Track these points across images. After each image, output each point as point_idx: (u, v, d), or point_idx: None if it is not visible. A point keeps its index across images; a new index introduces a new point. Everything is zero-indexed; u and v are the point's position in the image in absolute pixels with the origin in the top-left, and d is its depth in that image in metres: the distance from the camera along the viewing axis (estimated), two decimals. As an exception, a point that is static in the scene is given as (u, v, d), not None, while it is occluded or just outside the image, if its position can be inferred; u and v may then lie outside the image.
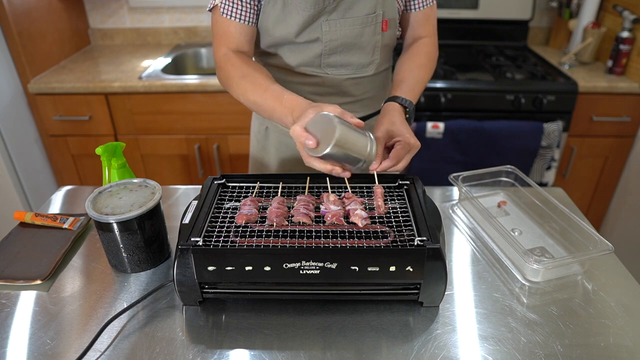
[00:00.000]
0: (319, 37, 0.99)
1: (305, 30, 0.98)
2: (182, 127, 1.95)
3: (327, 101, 1.09)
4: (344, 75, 1.06)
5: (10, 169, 1.89)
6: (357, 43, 1.02)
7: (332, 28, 0.99)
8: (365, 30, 1.00)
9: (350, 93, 1.09)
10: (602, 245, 0.83)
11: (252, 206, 0.79)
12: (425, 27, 1.11)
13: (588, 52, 2.02)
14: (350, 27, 0.99)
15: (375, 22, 1.00)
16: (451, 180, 1.04)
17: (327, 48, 1.01)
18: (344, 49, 1.02)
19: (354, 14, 0.98)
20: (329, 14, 0.97)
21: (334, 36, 0.99)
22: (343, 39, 1.00)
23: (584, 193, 2.10)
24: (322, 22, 0.98)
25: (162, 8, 2.33)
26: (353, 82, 1.08)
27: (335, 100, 1.10)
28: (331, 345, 0.70)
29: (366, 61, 1.05)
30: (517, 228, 0.97)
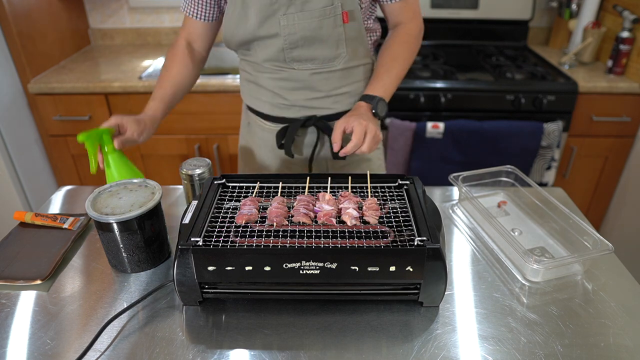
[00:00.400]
0: (278, 31, 1.01)
1: (264, 25, 1.01)
2: (182, 127, 1.95)
3: (297, 96, 1.12)
4: (310, 70, 1.07)
5: (10, 169, 1.89)
6: (318, 36, 1.02)
7: (290, 22, 1.00)
8: (324, 23, 1.01)
9: (319, 88, 1.10)
10: (602, 245, 0.83)
11: (252, 206, 0.79)
12: (403, 14, 1.10)
13: (588, 52, 2.02)
14: (308, 20, 1.00)
15: (334, 14, 1.00)
16: (451, 180, 1.04)
17: (287, 42, 1.02)
18: (306, 43, 1.03)
19: (311, 6, 0.99)
20: (287, 8, 0.99)
21: (292, 30, 1.01)
22: (302, 32, 1.01)
23: (584, 193, 2.10)
24: (279, 17, 0.99)
25: (162, 8, 2.33)
26: (321, 77, 1.08)
27: (304, 95, 1.11)
28: (331, 345, 0.70)
29: (331, 55, 1.06)
30: (517, 228, 0.97)
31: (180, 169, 0.95)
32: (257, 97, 1.16)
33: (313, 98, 1.11)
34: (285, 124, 1.15)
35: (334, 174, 0.89)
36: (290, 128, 1.13)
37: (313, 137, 1.17)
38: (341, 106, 1.14)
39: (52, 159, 2.08)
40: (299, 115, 1.13)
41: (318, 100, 1.11)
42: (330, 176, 0.88)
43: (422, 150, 1.84)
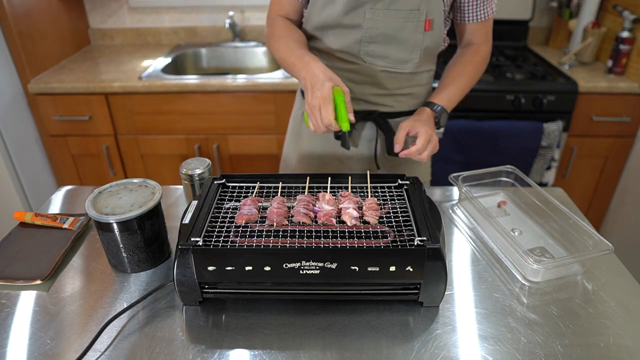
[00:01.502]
0: (361, 23, 1.02)
1: (350, 13, 1.02)
2: (182, 127, 1.95)
3: (362, 90, 1.12)
4: (381, 67, 1.08)
5: (10, 169, 1.89)
6: (397, 37, 1.03)
7: (375, 17, 1.01)
8: (407, 25, 1.02)
9: (385, 85, 1.11)
10: (602, 245, 0.83)
11: (252, 206, 0.79)
12: (477, 35, 1.13)
13: (588, 52, 2.02)
14: (392, 19, 1.01)
15: (417, 20, 1.02)
16: (451, 180, 1.04)
17: (367, 35, 1.04)
18: (384, 40, 1.04)
19: (398, 7, 1.00)
20: (375, 3, 1.00)
21: (375, 24, 1.02)
22: (384, 29, 1.02)
23: (584, 193, 2.10)
24: (366, 9, 1.01)
25: (162, 8, 2.33)
26: (389, 76, 1.10)
27: (370, 90, 1.12)
28: (331, 345, 0.70)
29: (404, 57, 1.07)
30: (517, 228, 0.97)
31: (180, 169, 0.95)
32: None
33: (377, 94, 1.12)
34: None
35: (334, 173, 0.89)
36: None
37: (370, 132, 1.18)
38: (402, 106, 1.15)
39: (52, 159, 2.08)
40: (360, 108, 1.14)
41: (381, 97, 1.13)
42: (330, 176, 0.89)
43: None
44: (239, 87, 1.85)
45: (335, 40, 1.07)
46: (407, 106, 1.16)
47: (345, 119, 0.89)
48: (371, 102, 1.14)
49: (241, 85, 1.85)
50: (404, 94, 1.14)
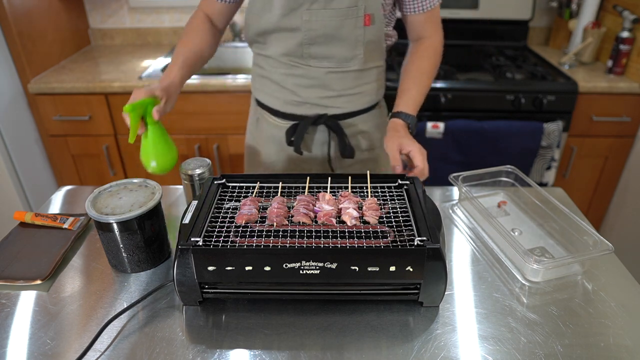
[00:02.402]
0: (299, 25, 1.02)
1: (287, 16, 1.01)
2: (182, 127, 1.95)
3: (310, 94, 1.11)
4: (326, 68, 1.07)
5: (10, 169, 1.89)
6: (338, 35, 1.03)
7: (313, 17, 1.00)
8: (345, 23, 1.01)
9: (333, 87, 1.10)
10: (602, 245, 0.83)
11: (252, 206, 0.79)
12: (427, 27, 1.11)
13: (588, 52, 2.02)
14: (330, 18, 1.01)
15: (356, 16, 1.01)
16: (451, 180, 1.04)
17: (307, 37, 1.03)
18: (325, 40, 1.03)
19: (335, 5, 1.00)
20: (311, 4, 0.99)
21: (313, 26, 1.01)
22: (323, 29, 1.02)
23: (584, 193, 2.10)
24: (303, 11, 1.00)
25: (162, 8, 2.33)
26: (336, 76, 1.09)
27: (318, 93, 1.11)
28: (331, 345, 0.70)
29: (348, 55, 1.06)
30: (517, 228, 0.97)
31: (180, 169, 0.95)
32: (269, 93, 1.16)
33: (326, 97, 1.12)
34: (295, 121, 1.15)
35: (334, 174, 0.89)
36: (301, 125, 1.13)
37: (322, 135, 1.17)
38: (352, 106, 1.15)
39: (52, 159, 2.08)
40: (310, 112, 1.14)
41: (331, 99, 1.12)
42: (330, 176, 0.88)
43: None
44: (239, 87, 1.85)
45: (278, 45, 1.07)
46: (358, 105, 1.15)
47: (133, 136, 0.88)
48: (321, 105, 1.13)
49: (241, 85, 1.85)
50: (354, 93, 1.13)
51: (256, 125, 1.24)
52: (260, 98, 1.19)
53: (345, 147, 1.14)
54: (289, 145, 1.16)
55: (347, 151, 1.14)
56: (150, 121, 0.90)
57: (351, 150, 1.15)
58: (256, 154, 1.27)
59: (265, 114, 1.20)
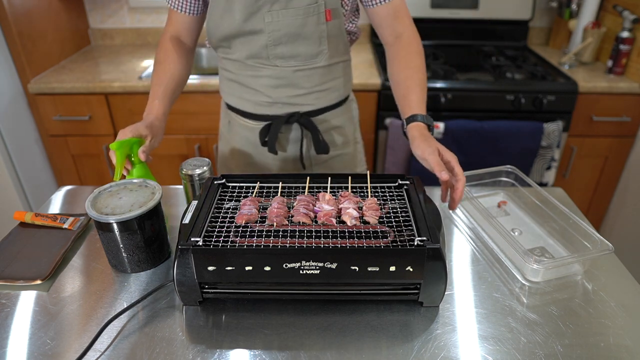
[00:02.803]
0: (262, 28, 1.02)
1: (249, 20, 1.01)
2: (182, 127, 1.95)
3: (279, 94, 1.12)
4: (294, 67, 1.08)
5: (10, 169, 1.89)
6: (302, 33, 1.03)
7: (275, 18, 1.01)
8: (308, 20, 1.02)
9: (302, 85, 1.11)
10: (602, 245, 0.83)
11: (252, 206, 0.79)
12: (400, 22, 1.07)
13: (588, 52, 2.02)
14: (292, 18, 1.01)
15: (317, 12, 1.01)
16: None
17: (271, 39, 1.03)
18: (289, 40, 1.04)
19: (296, 4, 1.00)
20: (271, 5, 0.99)
21: (276, 26, 1.01)
22: (286, 29, 1.02)
23: (584, 193, 2.10)
24: (264, 13, 1.00)
25: (162, 8, 2.33)
26: (304, 74, 1.09)
27: (288, 92, 1.11)
28: (331, 345, 0.70)
29: (314, 52, 1.06)
30: (517, 228, 0.97)
31: (180, 169, 0.95)
32: (239, 96, 1.16)
33: (296, 95, 1.12)
34: (268, 121, 1.16)
35: (334, 174, 0.89)
36: (274, 125, 1.13)
37: (295, 133, 1.18)
38: (323, 102, 1.15)
39: (52, 159, 2.08)
40: (281, 112, 1.14)
41: (301, 97, 1.12)
42: (330, 176, 0.88)
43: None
44: (239, 87, 1.85)
45: (243, 49, 1.07)
46: (328, 101, 1.16)
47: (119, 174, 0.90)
48: (292, 104, 1.13)
49: (241, 85, 1.85)
50: (323, 89, 1.13)
51: (229, 129, 1.25)
52: (230, 102, 1.19)
53: (320, 143, 1.15)
54: (263, 145, 1.16)
55: (321, 147, 1.15)
56: (137, 160, 0.93)
57: (325, 146, 1.16)
58: (230, 158, 1.27)
59: (237, 116, 1.20)
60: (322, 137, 1.15)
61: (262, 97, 1.13)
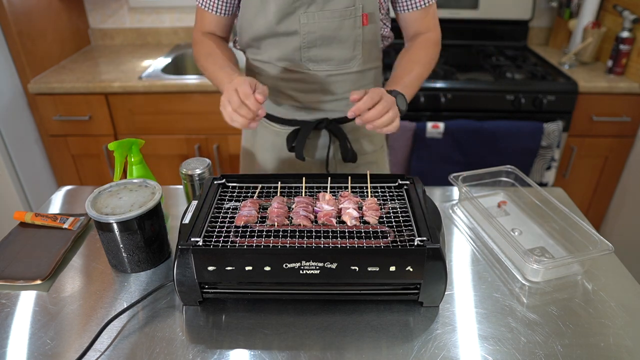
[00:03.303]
0: (297, 29, 1.00)
1: (283, 21, 0.99)
2: (182, 127, 1.95)
3: (310, 99, 1.10)
4: (326, 72, 1.06)
5: (10, 169, 1.89)
6: (337, 36, 1.01)
7: (310, 20, 0.99)
8: (344, 24, 1.00)
9: (333, 91, 1.09)
10: (602, 245, 0.83)
11: (252, 208, 0.79)
12: (423, 25, 1.10)
13: (588, 52, 2.02)
14: (328, 20, 0.99)
15: (354, 16, 1.00)
16: (451, 180, 1.04)
17: (305, 41, 1.01)
18: (323, 43, 1.02)
19: (333, 6, 0.98)
20: (307, 6, 0.98)
21: (312, 28, 1.00)
22: (321, 31, 1.00)
23: (584, 193, 2.10)
24: (300, 14, 0.98)
25: (162, 8, 2.33)
26: (335, 80, 1.07)
27: (318, 98, 1.09)
28: (331, 345, 0.70)
29: (347, 56, 1.05)
30: (517, 228, 0.97)
31: (180, 169, 0.95)
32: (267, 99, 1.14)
33: (327, 101, 1.10)
34: (295, 126, 1.13)
35: (334, 174, 0.89)
36: (302, 131, 1.11)
37: (323, 139, 1.16)
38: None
39: (52, 159, 2.08)
40: (310, 117, 1.12)
41: (331, 103, 1.10)
42: (330, 176, 0.88)
43: (422, 150, 1.84)
44: (239, 87, 1.85)
45: (274, 50, 1.04)
46: None
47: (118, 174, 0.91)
48: (321, 110, 1.11)
49: (241, 85, 1.84)
50: None
51: (253, 132, 1.22)
52: None
53: (348, 151, 1.12)
54: (290, 151, 1.14)
55: (350, 155, 1.12)
56: (136, 161, 0.92)
57: (353, 155, 1.13)
58: (253, 162, 1.25)
59: (264, 120, 1.18)
60: (351, 146, 1.12)
61: (291, 102, 1.11)
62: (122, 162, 0.91)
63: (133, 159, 0.92)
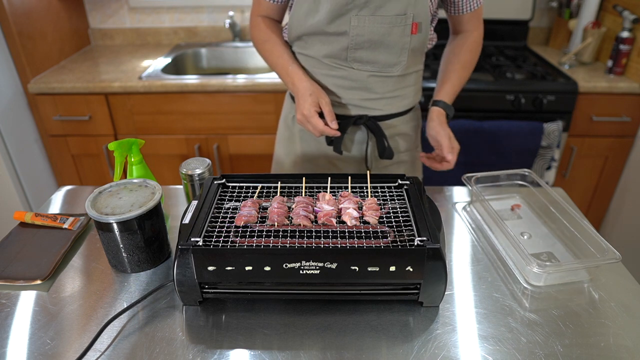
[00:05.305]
0: (347, 30, 1.02)
1: (335, 21, 1.01)
2: (182, 127, 1.95)
3: (351, 96, 1.12)
4: (369, 72, 1.08)
5: (10, 169, 1.89)
6: (385, 42, 1.03)
7: (361, 23, 1.00)
8: (393, 30, 1.01)
9: (374, 90, 1.11)
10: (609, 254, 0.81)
11: (252, 208, 0.79)
12: (470, 23, 1.15)
13: (588, 52, 2.02)
14: (378, 25, 1.01)
15: (404, 24, 1.01)
16: (464, 180, 1.03)
17: (353, 42, 1.03)
18: (371, 46, 1.04)
19: (384, 12, 1.00)
20: (359, 10, 0.99)
21: (361, 31, 1.01)
22: (370, 35, 1.02)
23: (584, 193, 2.10)
24: (351, 16, 1.00)
25: (162, 8, 2.33)
26: (377, 80, 1.09)
27: (359, 95, 1.12)
28: (331, 345, 0.70)
29: (392, 61, 1.06)
30: (527, 232, 0.96)
31: (180, 169, 0.95)
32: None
33: (367, 99, 1.12)
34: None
35: (333, 173, 0.89)
36: (342, 125, 1.12)
37: (361, 135, 1.17)
38: (392, 108, 1.15)
39: (52, 159, 2.08)
40: (350, 113, 1.14)
41: (372, 101, 1.12)
42: (330, 176, 0.89)
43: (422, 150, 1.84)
44: (239, 87, 1.85)
45: (322, 47, 1.07)
46: (397, 108, 1.15)
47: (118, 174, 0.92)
48: (361, 107, 1.13)
49: (241, 85, 1.85)
50: (393, 96, 1.13)
51: (293, 123, 1.23)
52: None
53: (385, 148, 1.14)
54: (329, 145, 1.16)
55: (386, 152, 1.15)
56: (136, 161, 0.93)
57: (390, 152, 1.15)
58: (288, 154, 1.26)
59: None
60: (388, 143, 1.15)
61: (333, 97, 1.12)
62: (122, 162, 0.91)
63: (133, 159, 0.92)
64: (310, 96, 1.02)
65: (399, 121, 1.18)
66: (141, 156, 0.94)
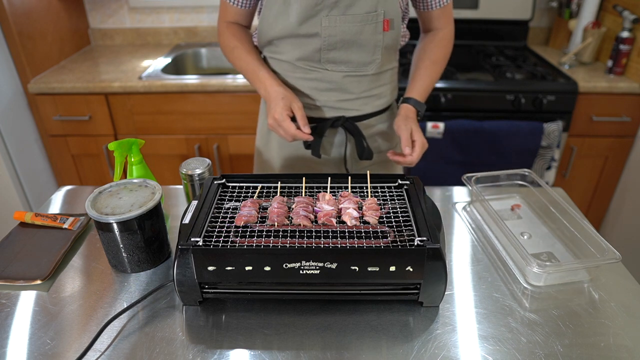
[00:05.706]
0: (318, 31, 1.01)
1: (306, 23, 1.00)
2: (182, 127, 1.95)
3: (327, 98, 1.11)
4: (344, 72, 1.07)
5: (10, 169, 1.89)
6: (357, 41, 1.02)
7: (332, 23, 1.00)
8: (365, 28, 1.01)
9: (350, 90, 1.10)
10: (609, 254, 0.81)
11: (252, 208, 0.79)
12: (441, 20, 1.13)
13: (588, 52, 2.02)
14: (350, 24, 1.00)
15: (375, 21, 1.01)
16: (464, 180, 1.03)
17: (326, 43, 1.02)
18: (344, 46, 1.03)
19: (355, 11, 0.99)
20: (330, 10, 0.99)
21: (333, 32, 1.00)
22: (342, 35, 1.01)
23: (584, 193, 2.10)
24: (322, 17, 0.99)
25: (162, 8, 2.33)
26: (353, 80, 1.08)
27: (335, 97, 1.10)
28: (331, 345, 0.70)
29: (366, 60, 1.06)
30: (527, 232, 0.96)
31: (180, 169, 0.96)
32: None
33: (343, 100, 1.11)
34: (312, 124, 1.13)
35: (333, 174, 0.89)
36: (319, 128, 1.12)
37: (340, 137, 1.17)
38: (369, 108, 1.14)
39: (52, 159, 2.08)
40: (327, 115, 1.13)
41: (348, 102, 1.12)
42: (330, 176, 0.89)
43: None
44: (239, 87, 1.85)
45: (294, 50, 1.06)
46: (374, 107, 1.15)
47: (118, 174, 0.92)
48: (337, 108, 1.12)
49: (241, 85, 1.85)
50: (370, 95, 1.12)
51: (268, 130, 1.22)
52: None
53: (364, 149, 1.13)
54: (307, 149, 1.14)
55: (365, 153, 1.14)
56: (136, 161, 0.93)
57: (369, 153, 1.14)
58: (268, 159, 1.25)
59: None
60: (367, 144, 1.14)
61: (308, 100, 1.12)
62: (122, 162, 0.91)
63: (133, 159, 0.92)
64: (282, 100, 1.00)
65: (377, 120, 1.17)
66: (141, 156, 0.94)
